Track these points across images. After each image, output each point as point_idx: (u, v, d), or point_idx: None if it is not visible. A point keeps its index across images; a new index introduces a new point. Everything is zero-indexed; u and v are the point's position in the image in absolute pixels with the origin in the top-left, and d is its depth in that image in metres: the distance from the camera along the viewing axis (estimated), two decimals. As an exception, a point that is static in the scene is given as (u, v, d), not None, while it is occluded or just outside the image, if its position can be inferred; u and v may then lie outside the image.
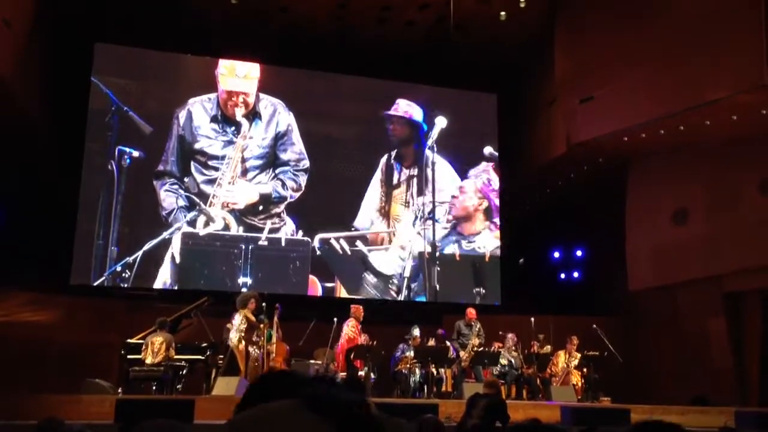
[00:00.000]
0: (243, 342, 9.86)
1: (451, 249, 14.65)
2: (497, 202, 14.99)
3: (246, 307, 10.00)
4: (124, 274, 12.87)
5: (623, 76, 11.95)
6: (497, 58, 15.11)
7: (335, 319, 10.75)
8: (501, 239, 14.90)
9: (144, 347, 9.94)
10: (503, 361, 11.29)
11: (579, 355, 11.52)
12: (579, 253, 16.42)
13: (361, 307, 11.13)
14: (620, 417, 8.39)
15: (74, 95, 13.08)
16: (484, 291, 14.52)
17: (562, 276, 16.65)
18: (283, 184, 13.87)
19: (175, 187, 13.31)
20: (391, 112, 14.85)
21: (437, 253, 14.49)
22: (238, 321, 9.91)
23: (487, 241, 14.83)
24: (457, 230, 14.75)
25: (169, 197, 13.25)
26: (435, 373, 10.82)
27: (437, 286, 14.40)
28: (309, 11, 13.54)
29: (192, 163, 13.46)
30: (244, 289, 12.39)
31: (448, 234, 14.69)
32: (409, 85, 15.05)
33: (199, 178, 13.43)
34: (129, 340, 10.48)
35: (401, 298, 14.15)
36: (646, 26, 11.67)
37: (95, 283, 12.72)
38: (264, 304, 10.28)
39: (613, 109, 12.09)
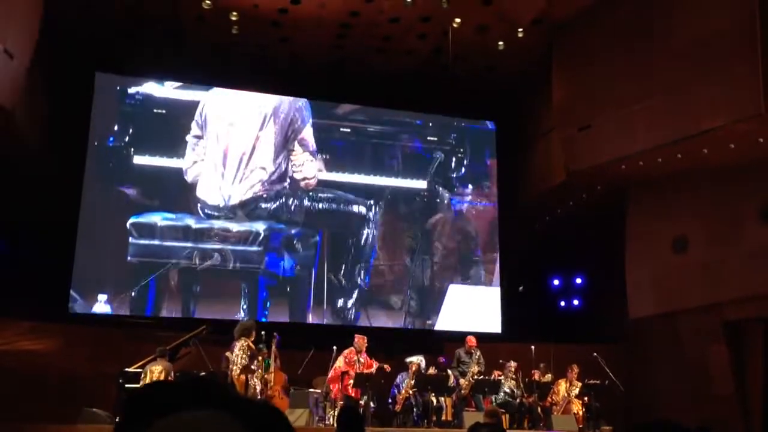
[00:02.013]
0: (243, 371, 9.79)
1: (449, 281, 14.65)
2: (492, 237, 14.99)
3: (248, 336, 9.95)
4: (121, 310, 12.86)
5: (621, 104, 12.02)
6: (496, 86, 15.23)
7: (335, 348, 10.71)
8: (500, 267, 14.90)
9: (143, 376, 9.88)
10: (505, 389, 11.22)
11: (580, 384, 11.45)
12: (579, 280, 16.40)
13: (364, 337, 11.05)
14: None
15: (75, 126, 13.16)
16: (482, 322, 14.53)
17: (562, 304, 16.61)
18: (280, 219, 13.84)
19: (174, 219, 13.30)
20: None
21: (436, 286, 14.50)
22: (239, 350, 9.82)
23: (482, 273, 14.84)
24: (454, 266, 14.78)
25: (168, 231, 13.23)
26: (435, 401, 10.75)
27: (436, 318, 14.41)
28: (309, 41, 13.67)
29: (191, 198, 13.46)
30: (242, 318, 12.38)
31: (446, 267, 14.68)
32: (408, 114, 15.14)
33: (199, 211, 13.43)
34: (127, 369, 10.42)
35: (401, 325, 14.13)
36: (644, 55, 11.77)
37: (93, 312, 12.69)
38: (263, 333, 10.26)
39: (611, 137, 12.14)
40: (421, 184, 14.81)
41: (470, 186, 15.18)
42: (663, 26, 11.51)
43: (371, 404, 10.37)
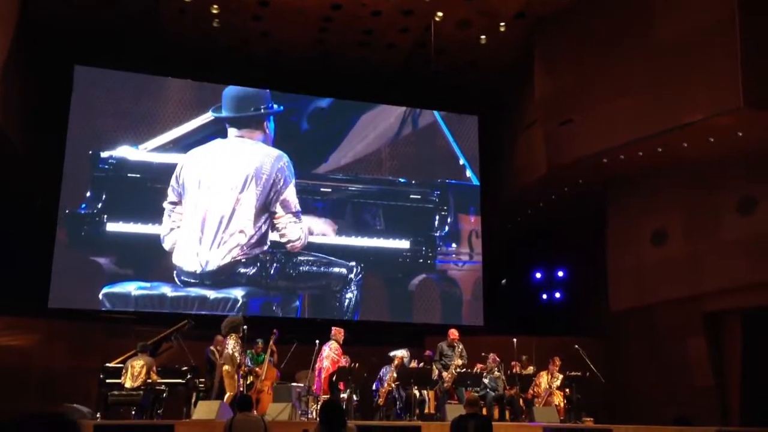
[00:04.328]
0: (236, 367, 9.76)
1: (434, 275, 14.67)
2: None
3: (237, 332, 9.91)
4: (102, 307, 12.73)
5: (602, 98, 12.09)
6: (478, 81, 15.26)
7: (317, 341, 10.70)
8: (483, 260, 14.95)
9: (124, 371, 9.82)
10: (486, 381, 11.27)
11: (561, 376, 11.52)
12: (561, 273, 16.51)
13: (342, 329, 11.07)
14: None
15: (54, 121, 13.01)
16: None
17: (544, 297, 16.71)
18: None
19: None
20: None
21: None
22: (232, 346, 9.77)
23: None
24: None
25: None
26: (418, 395, 10.77)
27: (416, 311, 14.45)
28: (290, 35, 13.62)
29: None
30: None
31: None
32: (390, 108, 15.10)
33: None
34: (108, 364, 10.34)
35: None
36: (625, 50, 11.84)
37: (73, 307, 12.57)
38: (245, 327, 10.23)
39: (592, 131, 12.22)
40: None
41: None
42: (644, 22, 11.59)
43: (354, 398, 10.37)
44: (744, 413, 11.63)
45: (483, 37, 13.42)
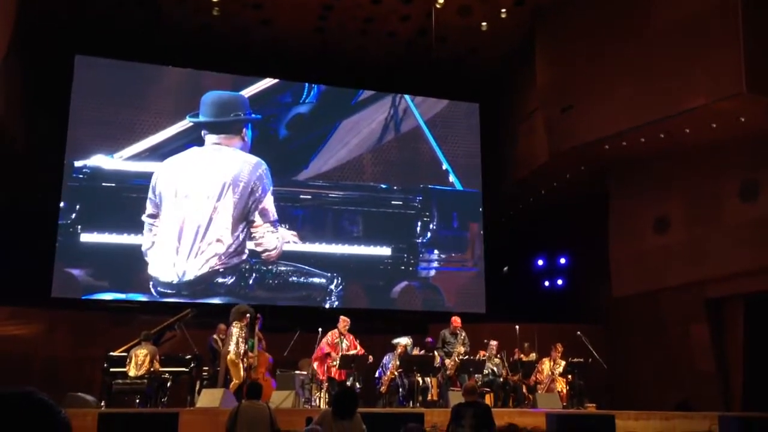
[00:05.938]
0: (239, 355, 9.79)
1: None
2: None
3: (241, 320, 9.93)
4: (104, 296, 12.74)
5: (603, 85, 12.05)
6: (479, 68, 15.22)
7: (320, 330, 10.73)
8: (484, 248, 14.95)
9: (128, 360, 9.85)
10: (490, 369, 11.32)
11: (564, 362, 11.55)
12: (563, 260, 16.51)
13: (347, 319, 11.06)
14: (605, 423, 8.42)
15: (54, 111, 12.99)
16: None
17: (546, 284, 16.73)
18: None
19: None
20: None
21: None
22: (237, 334, 9.80)
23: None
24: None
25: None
26: (420, 382, 10.81)
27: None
28: (291, 24, 13.58)
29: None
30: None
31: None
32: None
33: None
34: (112, 353, 10.38)
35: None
36: (626, 36, 11.79)
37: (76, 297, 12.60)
38: (249, 314, 10.26)
39: (593, 117, 12.18)
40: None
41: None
42: (645, 7, 11.53)
43: (357, 385, 10.41)
44: (746, 399, 11.65)
45: (484, 24, 13.37)
